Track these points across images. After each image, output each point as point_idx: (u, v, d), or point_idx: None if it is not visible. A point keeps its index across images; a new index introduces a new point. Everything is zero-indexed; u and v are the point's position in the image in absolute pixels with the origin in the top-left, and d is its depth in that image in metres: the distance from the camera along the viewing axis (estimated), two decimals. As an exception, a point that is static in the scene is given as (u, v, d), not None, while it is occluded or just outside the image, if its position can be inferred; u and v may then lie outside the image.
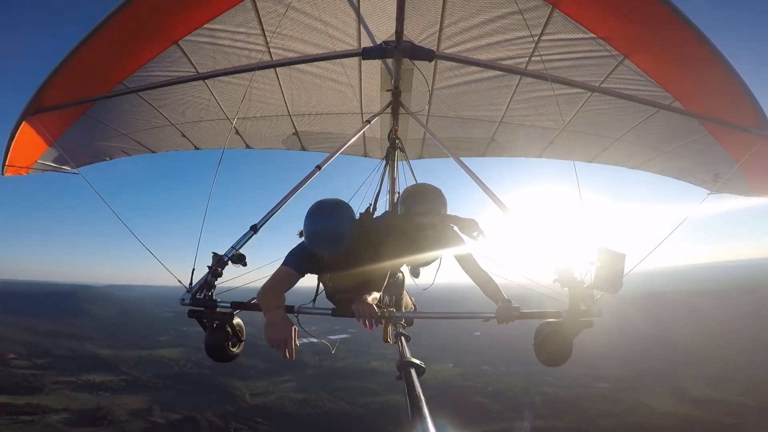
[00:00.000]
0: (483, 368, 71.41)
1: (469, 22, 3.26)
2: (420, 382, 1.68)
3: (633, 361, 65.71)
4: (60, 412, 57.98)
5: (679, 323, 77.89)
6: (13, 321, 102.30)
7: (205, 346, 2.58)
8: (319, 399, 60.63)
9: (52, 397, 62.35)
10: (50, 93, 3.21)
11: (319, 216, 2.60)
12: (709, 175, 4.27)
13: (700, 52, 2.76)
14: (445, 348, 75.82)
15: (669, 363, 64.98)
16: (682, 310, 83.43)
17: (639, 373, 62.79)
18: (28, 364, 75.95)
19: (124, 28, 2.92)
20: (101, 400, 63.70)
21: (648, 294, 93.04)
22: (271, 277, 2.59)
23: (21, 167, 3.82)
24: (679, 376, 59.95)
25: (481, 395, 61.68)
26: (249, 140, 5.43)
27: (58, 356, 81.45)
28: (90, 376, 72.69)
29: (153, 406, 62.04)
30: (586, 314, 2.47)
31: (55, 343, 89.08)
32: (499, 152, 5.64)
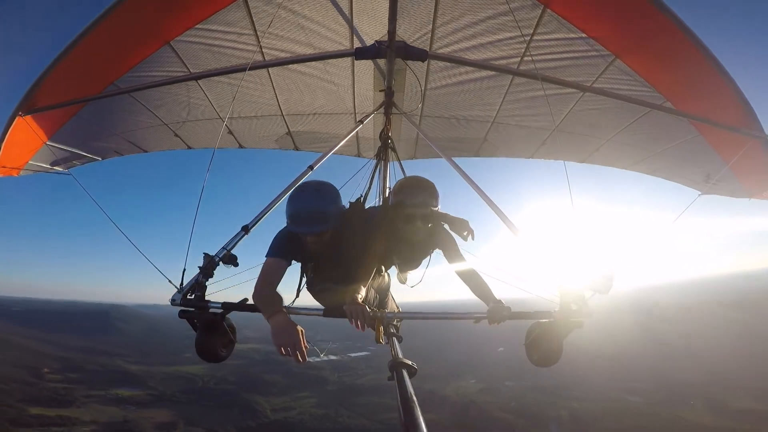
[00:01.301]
0: (507, 384, 69.60)
1: (462, 21, 3.27)
2: (411, 383, 1.66)
3: (665, 374, 62.94)
4: (89, 424, 59.60)
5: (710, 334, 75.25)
6: (50, 338, 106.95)
7: (195, 347, 2.55)
8: (338, 415, 60.44)
9: (82, 410, 64.24)
10: (42, 93, 3.19)
11: (302, 193, 2.59)
12: (700, 176, 4.26)
13: (691, 51, 2.75)
14: (468, 364, 74.54)
15: (704, 374, 62.75)
16: (712, 320, 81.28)
17: (672, 385, 60.44)
18: (62, 378, 78.64)
19: (116, 29, 2.91)
20: (128, 413, 65.37)
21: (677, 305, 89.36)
22: (260, 276, 2.54)
23: (12, 168, 3.79)
24: (716, 387, 57.67)
25: (505, 411, 60.23)
26: (242, 140, 5.43)
27: (90, 371, 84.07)
28: (118, 390, 74.78)
29: (177, 421, 63.28)
30: (576, 315, 2.47)
31: (87, 359, 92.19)
32: (491, 152, 5.64)
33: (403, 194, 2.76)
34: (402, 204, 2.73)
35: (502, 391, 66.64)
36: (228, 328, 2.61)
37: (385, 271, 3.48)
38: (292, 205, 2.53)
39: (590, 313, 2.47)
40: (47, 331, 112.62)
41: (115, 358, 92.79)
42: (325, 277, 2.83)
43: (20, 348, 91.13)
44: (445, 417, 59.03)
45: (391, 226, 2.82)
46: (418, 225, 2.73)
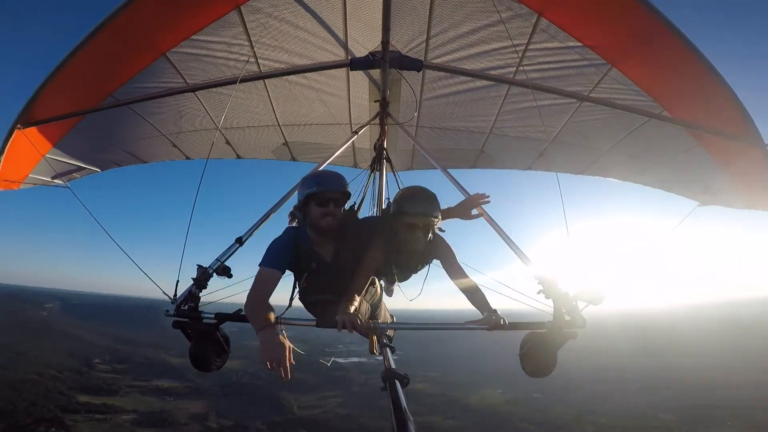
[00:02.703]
0: (534, 396, 68.12)
1: (457, 31, 3.26)
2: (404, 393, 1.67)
3: (706, 391, 58.95)
4: (129, 413, 63.35)
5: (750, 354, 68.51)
6: (103, 329, 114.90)
7: (189, 357, 2.57)
8: (362, 416, 61.10)
9: (125, 399, 68.68)
10: (40, 106, 3.18)
11: (322, 170, 2.82)
12: (699, 186, 4.19)
13: (687, 59, 2.71)
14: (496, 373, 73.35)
15: (747, 395, 57.27)
16: (754, 341, 75.56)
17: (711, 404, 57.60)
18: (110, 368, 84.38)
19: (112, 41, 2.90)
20: (166, 404, 69.29)
21: (728, 322, 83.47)
22: (253, 285, 2.53)
23: (12, 181, 3.79)
24: (757, 409, 55.33)
25: (529, 422, 58.98)
26: (239, 150, 5.44)
27: (136, 362, 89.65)
28: (159, 381, 79.32)
29: (210, 412, 66.57)
30: (570, 325, 2.45)
31: (135, 351, 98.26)
32: (488, 164, 5.59)
33: (405, 203, 2.72)
34: (403, 213, 2.69)
35: (528, 403, 65.27)
36: (222, 339, 2.62)
37: (379, 281, 3.46)
38: (315, 176, 2.75)
39: (584, 323, 2.45)
40: (102, 323, 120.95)
41: (159, 350, 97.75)
42: (319, 288, 2.80)
43: (77, 339, 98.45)
44: (466, 424, 58.52)
45: (391, 236, 2.80)
46: (419, 235, 2.69)
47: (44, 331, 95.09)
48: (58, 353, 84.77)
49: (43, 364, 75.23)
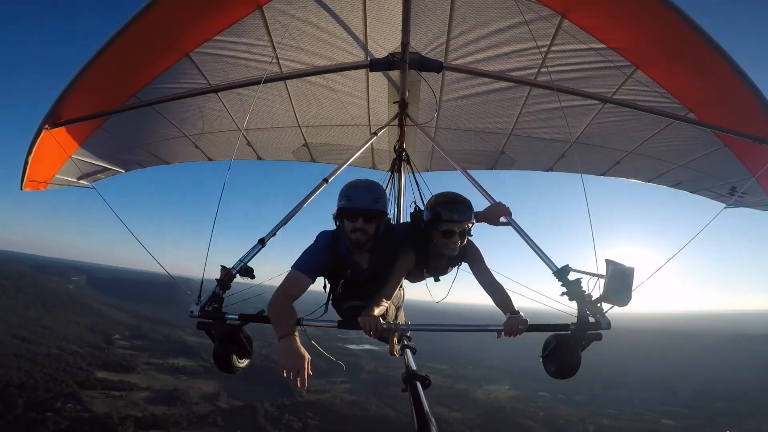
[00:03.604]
0: (540, 394, 68.47)
1: (477, 33, 3.22)
2: (425, 395, 1.66)
3: (708, 400, 58.57)
4: (144, 390, 65.01)
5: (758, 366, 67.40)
6: (124, 305, 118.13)
7: (213, 357, 2.58)
8: (368, 402, 62.22)
9: (141, 376, 70.85)
10: (66, 106, 3.23)
11: (360, 180, 2.70)
12: (725, 188, 4.14)
13: (714, 61, 2.66)
14: (505, 370, 73.52)
15: (748, 405, 58.26)
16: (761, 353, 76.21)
17: (715, 413, 57.18)
18: (129, 345, 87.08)
19: (136, 41, 2.93)
20: (179, 382, 71.45)
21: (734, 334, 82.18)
22: (280, 286, 2.49)
23: (40, 182, 3.84)
24: (756, 420, 56.84)
25: (531, 419, 59.38)
26: (260, 151, 5.48)
27: (154, 340, 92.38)
28: (175, 360, 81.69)
29: (221, 392, 68.30)
30: (594, 327, 2.43)
31: (153, 328, 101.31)
32: (508, 165, 5.55)
33: (442, 210, 2.71)
34: (441, 220, 2.68)
35: (533, 400, 65.57)
36: (245, 340, 2.64)
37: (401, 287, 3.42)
38: (349, 188, 2.62)
39: (609, 325, 2.43)
40: (123, 299, 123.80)
41: (177, 329, 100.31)
42: (356, 295, 2.79)
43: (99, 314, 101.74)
44: (469, 417, 59.20)
45: (425, 242, 2.80)
46: (456, 240, 2.68)
47: (69, 305, 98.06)
48: (81, 327, 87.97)
49: (66, 339, 78.24)
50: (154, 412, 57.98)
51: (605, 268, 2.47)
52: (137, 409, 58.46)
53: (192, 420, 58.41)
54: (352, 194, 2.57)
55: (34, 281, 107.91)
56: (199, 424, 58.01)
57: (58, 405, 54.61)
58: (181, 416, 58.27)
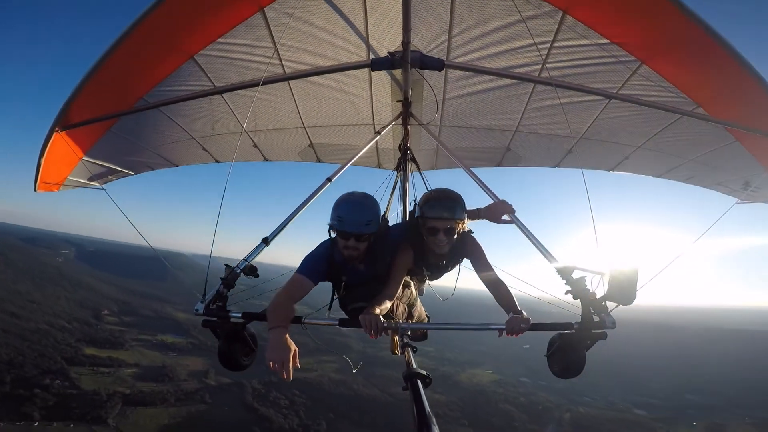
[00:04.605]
0: (522, 380, 70.58)
1: (479, 30, 3.20)
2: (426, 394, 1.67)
3: (680, 392, 61.28)
4: (132, 366, 65.67)
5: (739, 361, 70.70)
6: (114, 279, 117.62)
7: (217, 355, 2.62)
8: (354, 382, 63.49)
9: (129, 353, 71.39)
10: (76, 109, 3.28)
11: (350, 198, 2.66)
12: (738, 183, 4.06)
13: (721, 56, 2.62)
14: (490, 355, 75.15)
15: (717, 399, 60.71)
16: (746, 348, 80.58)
17: (685, 405, 60.31)
18: (118, 321, 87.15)
19: (142, 44, 2.97)
20: (168, 359, 72.04)
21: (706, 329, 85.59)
22: (283, 287, 2.59)
23: (53, 184, 3.90)
24: (727, 412, 59.48)
25: (511, 404, 61.26)
26: (266, 153, 5.51)
27: (143, 316, 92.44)
28: (164, 336, 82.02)
29: (209, 370, 69.00)
30: (599, 326, 2.42)
31: (143, 303, 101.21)
32: (515, 162, 5.50)
33: (427, 207, 2.72)
34: (425, 217, 2.70)
35: (515, 386, 67.53)
36: (249, 337, 2.68)
37: (412, 283, 3.49)
38: (340, 207, 2.59)
39: (614, 324, 2.42)
40: (113, 273, 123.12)
41: (167, 304, 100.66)
42: (358, 296, 2.82)
43: (89, 288, 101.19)
44: (451, 400, 60.96)
45: (417, 239, 2.81)
46: (441, 238, 2.67)
47: (58, 279, 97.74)
48: (70, 302, 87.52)
49: (54, 314, 77.88)
50: (142, 389, 58.42)
51: (610, 266, 2.47)
52: (125, 385, 58.85)
53: (180, 397, 58.88)
54: (344, 217, 2.56)
55: (23, 254, 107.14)
56: (186, 400, 58.51)
57: (46, 382, 54.79)
58: (169, 393, 58.71)
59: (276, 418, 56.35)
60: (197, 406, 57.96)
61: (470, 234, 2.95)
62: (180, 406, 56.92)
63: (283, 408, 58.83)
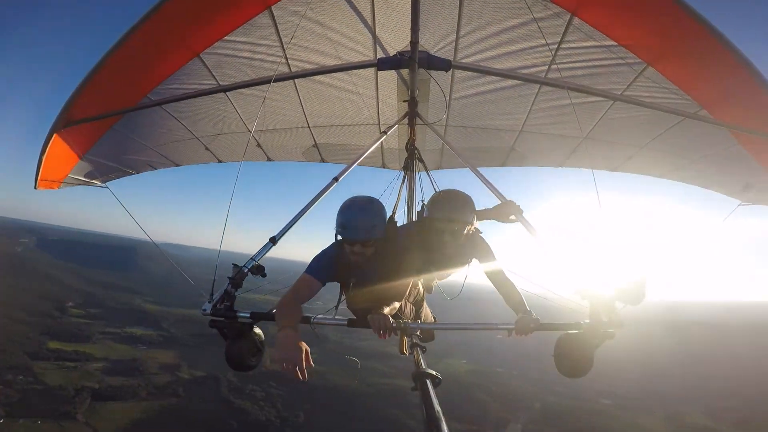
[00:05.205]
0: (496, 369, 72.72)
1: (486, 31, 3.22)
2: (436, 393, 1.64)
3: (644, 381, 64.95)
4: (100, 360, 63.54)
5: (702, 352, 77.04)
6: (78, 270, 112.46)
7: (225, 356, 2.60)
8: (331, 372, 63.46)
9: (96, 346, 68.87)
10: (79, 106, 3.25)
11: (354, 203, 2.63)
12: (738, 185, 4.08)
13: (727, 59, 2.65)
14: (465, 345, 76.83)
15: (678, 388, 66.37)
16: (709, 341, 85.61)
17: (646, 394, 64.34)
18: (83, 313, 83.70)
19: (147, 41, 2.96)
20: (138, 352, 69.81)
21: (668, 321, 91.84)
22: (291, 288, 2.57)
23: (53, 181, 3.85)
24: (684, 401, 62.14)
25: (485, 393, 63.09)
26: (270, 153, 5.50)
27: (110, 308, 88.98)
28: (133, 329, 79.30)
29: (182, 363, 67.47)
30: (607, 326, 2.43)
31: (109, 295, 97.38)
32: (519, 162, 5.54)
33: (434, 208, 2.73)
34: (432, 218, 2.71)
35: (489, 375, 69.34)
36: (257, 337, 2.67)
37: (420, 282, 3.47)
38: (344, 214, 2.57)
39: (622, 324, 2.42)
40: (78, 263, 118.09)
41: (135, 296, 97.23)
42: (365, 297, 2.83)
43: (51, 279, 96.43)
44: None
45: (424, 240, 2.81)
46: (447, 239, 2.67)
47: (17, 270, 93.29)
48: (30, 294, 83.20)
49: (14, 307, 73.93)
50: (111, 383, 56.63)
51: (619, 267, 2.50)
52: (93, 380, 56.97)
53: (151, 391, 57.31)
54: (348, 224, 2.53)
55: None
56: (159, 394, 57.01)
57: (8, 377, 52.63)
58: (140, 387, 57.10)
59: (252, 410, 55.55)
60: (170, 399, 56.51)
61: (479, 234, 2.96)
62: (152, 400, 55.42)
63: (260, 400, 57.99)
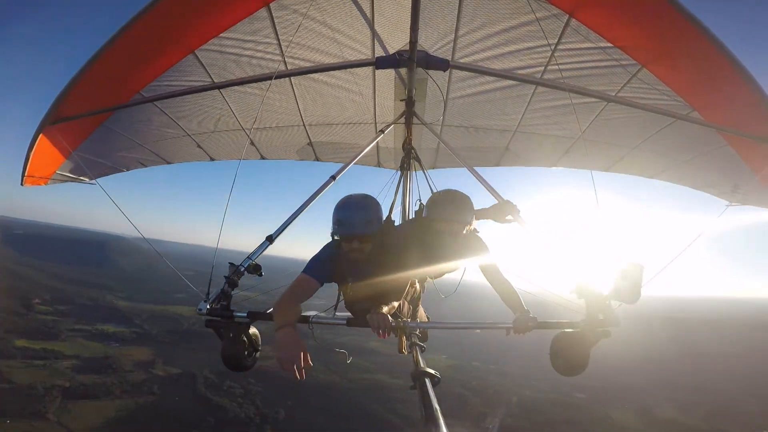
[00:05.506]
0: (473, 364, 74.07)
1: (485, 31, 3.24)
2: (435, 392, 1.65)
3: (617, 375, 68.19)
4: (70, 358, 61.17)
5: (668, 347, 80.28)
6: (45, 265, 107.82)
7: (221, 356, 2.58)
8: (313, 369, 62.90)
9: (66, 344, 66.29)
10: (69, 102, 3.20)
11: (350, 200, 2.63)
12: (727, 186, 4.17)
13: (720, 62, 2.70)
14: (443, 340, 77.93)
15: (648, 382, 68.60)
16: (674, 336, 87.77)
17: (618, 387, 66.86)
18: (51, 310, 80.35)
19: (142, 37, 2.92)
20: (110, 349, 67.49)
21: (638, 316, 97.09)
22: (289, 287, 2.56)
23: (40, 178, 3.80)
24: (653, 395, 64.10)
25: (465, 388, 64.24)
26: (264, 151, 5.46)
27: (79, 305, 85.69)
28: (104, 326, 76.68)
29: (157, 360, 65.38)
30: (603, 324, 2.47)
31: (79, 292, 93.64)
32: (513, 162, 5.59)
33: (434, 209, 2.74)
34: (431, 219, 2.72)
35: (468, 370, 70.46)
36: (253, 337, 2.65)
37: (418, 282, 3.48)
38: (340, 211, 2.57)
39: (618, 323, 2.46)
40: (44, 258, 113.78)
41: (106, 292, 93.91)
42: (364, 296, 2.83)
43: (16, 275, 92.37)
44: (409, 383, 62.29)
45: (423, 240, 2.81)
46: (446, 239, 2.68)
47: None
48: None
49: (-24, 304, 69.73)
50: (83, 382, 54.65)
51: (614, 265, 2.52)
52: (64, 378, 54.86)
53: (126, 388, 55.63)
54: (343, 220, 2.54)
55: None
56: (133, 392, 55.35)
57: None
58: (113, 384, 55.32)
59: (231, 407, 54.50)
60: (145, 397, 54.89)
61: (476, 233, 2.97)
62: (127, 398, 53.74)
63: (238, 397, 56.84)
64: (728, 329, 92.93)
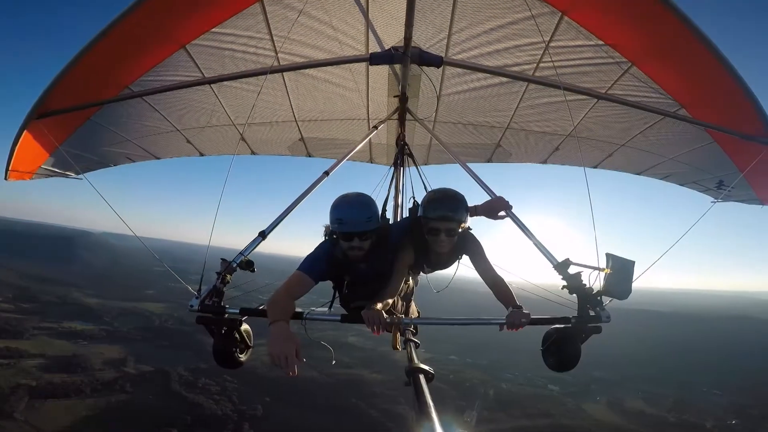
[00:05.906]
0: (450, 357, 75.25)
1: (478, 28, 3.25)
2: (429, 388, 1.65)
3: (590, 369, 70.57)
4: (36, 357, 59.44)
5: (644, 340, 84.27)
6: (8, 263, 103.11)
7: (213, 353, 2.53)
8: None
9: (31, 342, 63.98)
10: (55, 97, 3.12)
11: (347, 198, 2.62)
12: (713, 182, 4.25)
13: (708, 61, 2.74)
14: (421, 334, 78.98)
15: (620, 375, 71.11)
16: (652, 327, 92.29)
17: (591, 380, 69.23)
18: (13, 308, 77.20)
19: (132, 32, 2.85)
20: (78, 348, 65.39)
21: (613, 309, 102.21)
22: (284, 283, 2.52)
23: (24, 172, 3.73)
24: (624, 387, 66.82)
25: (442, 381, 65.66)
26: (255, 146, 5.43)
27: (45, 302, 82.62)
28: (72, 324, 74.24)
29: (128, 357, 64.03)
30: (595, 320, 2.49)
31: (44, 289, 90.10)
32: (504, 158, 5.62)
33: (429, 208, 2.73)
34: (427, 217, 2.71)
35: (445, 363, 71.68)
36: (245, 333, 2.61)
37: (411, 278, 3.49)
38: (339, 209, 2.55)
39: (609, 318, 2.47)
40: (6, 255, 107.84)
41: (73, 289, 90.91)
42: (360, 295, 2.81)
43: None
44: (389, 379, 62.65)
45: (418, 238, 2.81)
46: (442, 238, 2.68)
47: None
48: (-49, 290, 73.92)
49: (-66, 303, 65.37)
50: (51, 380, 53.39)
51: (605, 261, 2.54)
52: (30, 377, 53.54)
53: (96, 387, 54.58)
54: (344, 217, 2.53)
55: None
56: (104, 391, 54.32)
57: None
58: (83, 383, 54.14)
59: (207, 404, 53.63)
60: (117, 396, 53.70)
61: (469, 231, 2.97)
62: (98, 397, 52.59)
63: (214, 394, 55.95)
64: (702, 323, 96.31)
